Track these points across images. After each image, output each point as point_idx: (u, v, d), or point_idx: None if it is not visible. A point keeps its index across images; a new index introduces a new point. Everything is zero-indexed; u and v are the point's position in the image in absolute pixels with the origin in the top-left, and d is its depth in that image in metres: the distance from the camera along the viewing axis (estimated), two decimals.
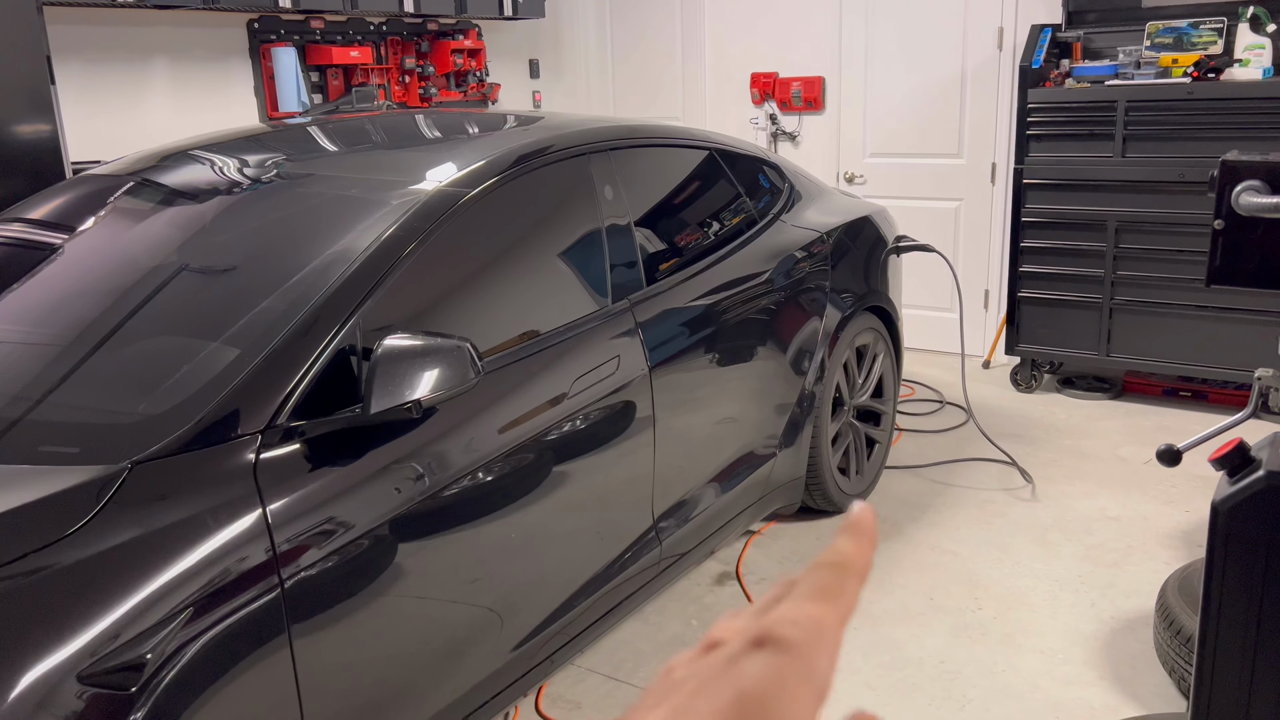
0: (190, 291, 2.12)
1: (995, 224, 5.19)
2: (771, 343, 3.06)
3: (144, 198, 2.49)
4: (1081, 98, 4.28)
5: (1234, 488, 1.19)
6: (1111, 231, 4.33)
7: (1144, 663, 2.62)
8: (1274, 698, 1.23)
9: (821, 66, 5.60)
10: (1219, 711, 1.26)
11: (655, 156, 2.94)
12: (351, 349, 1.90)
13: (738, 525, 3.02)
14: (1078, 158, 4.34)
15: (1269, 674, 1.20)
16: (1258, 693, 1.23)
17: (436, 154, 2.56)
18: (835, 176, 5.62)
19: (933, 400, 4.72)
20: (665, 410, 2.56)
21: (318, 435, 1.80)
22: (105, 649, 1.43)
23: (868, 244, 3.63)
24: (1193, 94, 4.03)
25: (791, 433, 3.17)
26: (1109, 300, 4.41)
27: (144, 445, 1.66)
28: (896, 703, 2.50)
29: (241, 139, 2.75)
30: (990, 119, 5.11)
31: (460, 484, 1.99)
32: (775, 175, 3.46)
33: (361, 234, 2.08)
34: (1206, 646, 1.28)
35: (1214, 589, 1.23)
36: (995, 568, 3.15)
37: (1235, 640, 1.19)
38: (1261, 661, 1.19)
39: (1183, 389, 4.59)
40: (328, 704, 1.75)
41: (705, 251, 2.93)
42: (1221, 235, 1.17)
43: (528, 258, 2.38)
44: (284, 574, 1.66)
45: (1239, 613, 1.18)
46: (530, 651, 2.22)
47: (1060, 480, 3.78)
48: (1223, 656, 1.20)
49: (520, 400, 2.17)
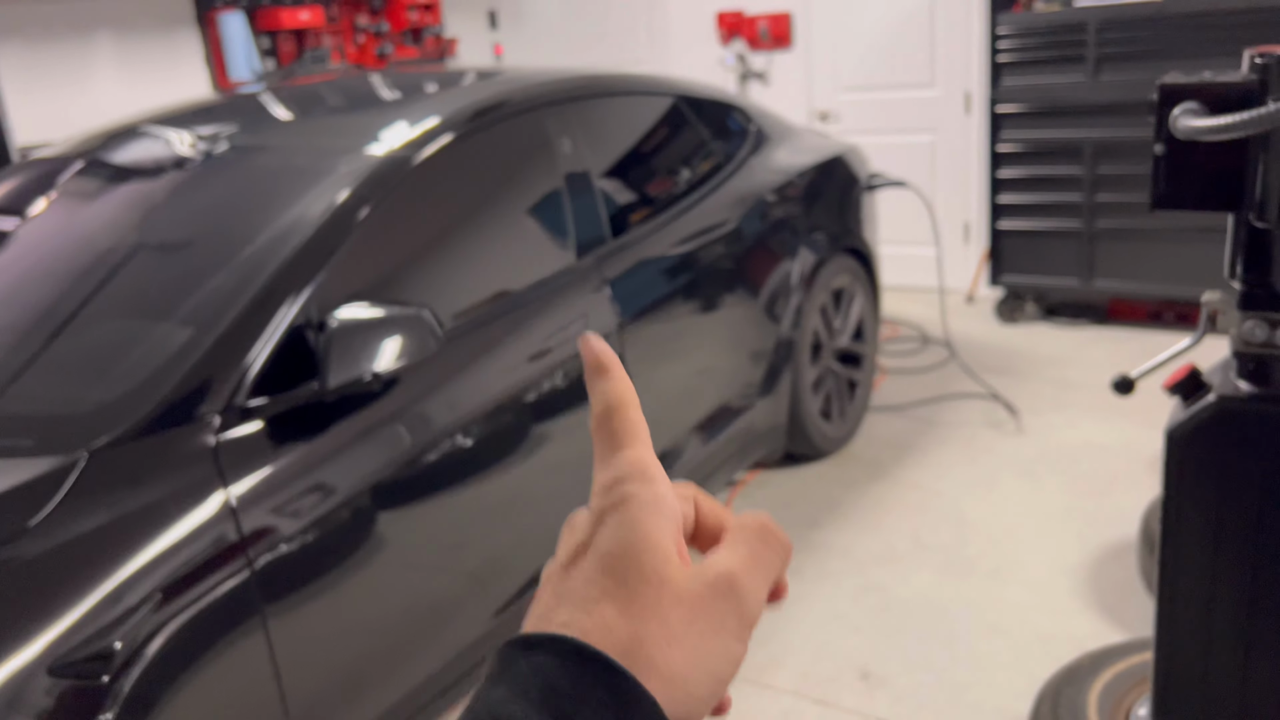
0: (142, 272, 2.08)
1: (971, 155, 5.13)
2: (745, 291, 3.03)
3: (93, 178, 2.44)
4: (1051, 21, 4.21)
5: (1186, 413, 1.18)
6: (1088, 157, 4.28)
7: (1130, 589, 2.64)
8: (1233, 615, 1.23)
9: (788, 1, 5.49)
10: (1182, 631, 1.27)
11: (616, 106, 2.89)
12: (308, 323, 1.87)
13: (721, 475, 3.02)
14: (1050, 83, 4.28)
15: (1228, 591, 1.21)
16: (1217, 611, 1.23)
17: (389, 116, 2.51)
18: (808, 115, 5.54)
19: (916, 339, 4.71)
20: (639, 365, 2.55)
21: (279, 413, 1.78)
22: (73, 641, 1.42)
23: (840, 184, 3.58)
24: (1164, 11, 3.96)
25: (770, 380, 3.16)
26: (1089, 227, 4.38)
27: (100, 433, 1.64)
28: (885, 643, 2.52)
29: (191, 112, 2.69)
30: (961, 48, 5.03)
31: (431, 451, 1.98)
32: (742, 118, 3.40)
33: (313, 204, 2.04)
34: (1167, 569, 1.28)
35: (1171, 514, 1.22)
36: (981, 504, 3.16)
37: (1195, 561, 1.19)
38: (1221, 580, 1.19)
39: (1167, 312, 4.58)
40: (308, 680, 1.75)
41: (672, 201, 2.89)
42: (1163, 159, 1.14)
43: (487, 218, 2.34)
44: (252, 554, 1.65)
45: (1197, 535, 1.18)
46: (515, 615, 2.22)
47: (1045, 412, 3.78)
48: (1183, 578, 1.21)
49: (486, 364, 2.15)
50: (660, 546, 0.37)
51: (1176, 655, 1.38)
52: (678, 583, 0.36)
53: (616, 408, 0.41)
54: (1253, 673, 1.34)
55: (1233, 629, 1.25)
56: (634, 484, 0.38)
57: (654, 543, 0.37)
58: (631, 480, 0.38)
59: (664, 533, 0.37)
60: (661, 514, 0.38)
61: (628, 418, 0.41)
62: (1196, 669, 1.38)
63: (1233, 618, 1.24)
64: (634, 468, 0.39)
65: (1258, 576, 1.28)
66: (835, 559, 2.92)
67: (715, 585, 0.37)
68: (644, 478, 0.39)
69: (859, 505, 3.21)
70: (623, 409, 0.41)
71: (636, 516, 0.37)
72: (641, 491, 0.38)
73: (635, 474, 0.39)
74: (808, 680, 2.41)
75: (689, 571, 0.37)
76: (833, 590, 2.77)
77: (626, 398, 0.42)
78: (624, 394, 0.42)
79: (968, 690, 2.33)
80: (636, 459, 0.39)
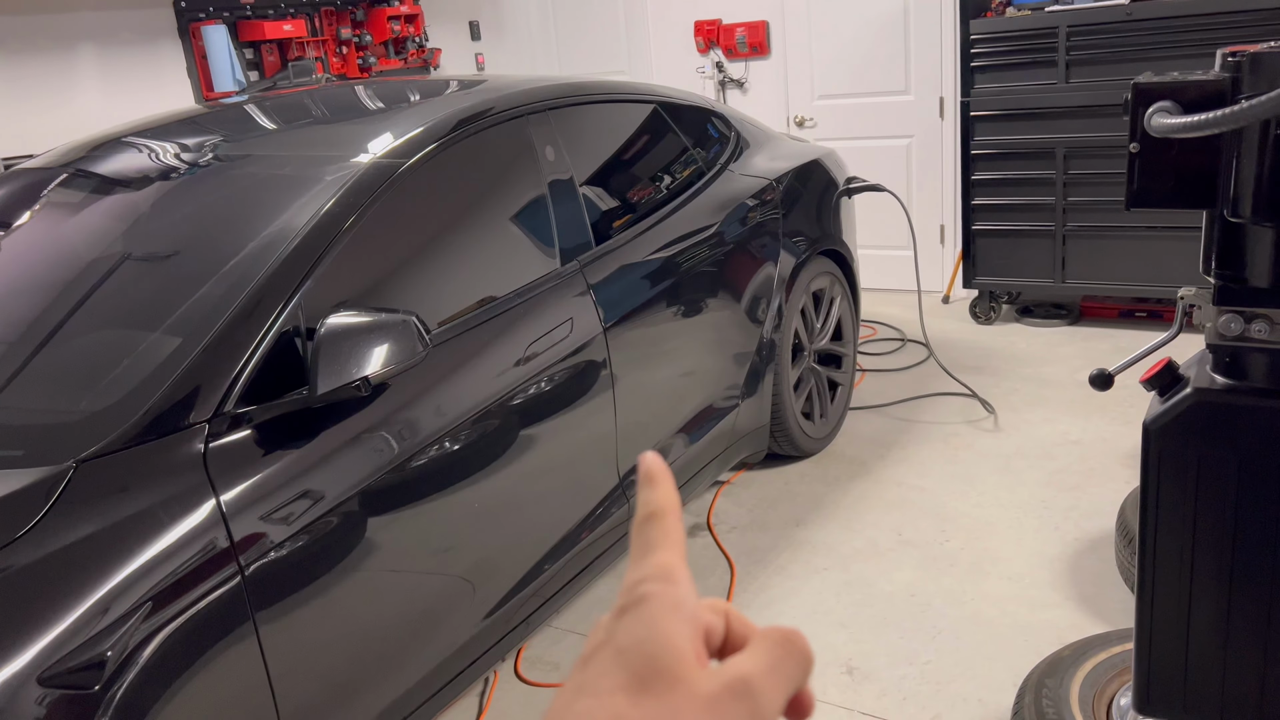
0: (129, 283, 2.08)
1: (946, 159, 5.19)
2: (727, 294, 3.06)
3: (77, 190, 2.43)
4: (1022, 25, 4.27)
5: (1163, 407, 1.21)
6: (1060, 158, 4.35)
7: (1107, 580, 2.68)
8: (1211, 604, 1.27)
9: (765, 10, 5.54)
10: (1162, 621, 1.30)
11: (597, 114, 2.91)
12: (296, 330, 1.88)
13: (706, 476, 3.04)
14: (1023, 86, 4.34)
15: (1206, 581, 1.24)
16: (1196, 600, 1.26)
17: (372, 125, 2.52)
18: (785, 121, 5.59)
19: (894, 339, 4.76)
20: (624, 368, 2.56)
21: (268, 419, 1.78)
22: (63, 650, 1.42)
23: (818, 188, 3.62)
24: (1131, 15, 4.04)
25: (753, 381, 3.18)
26: (1061, 227, 4.44)
27: (88, 443, 1.63)
28: (870, 638, 2.55)
29: (175, 123, 2.69)
30: (935, 53, 5.09)
31: (420, 456, 1.99)
32: (721, 124, 3.43)
33: (299, 212, 2.05)
34: (1146, 559, 1.31)
35: (1150, 506, 1.25)
36: (961, 499, 3.20)
37: (1173, 552, 1.22)
38: (1199, 570, 1.22)
39: (1138, 310, 4.65)
40: (301, 686, 1.76)
41: (655, 207, 2.91)
42: (1138, 158, 1.17)
43: (471, 225, 2.36)
44: (243, 561, 1.65)
45: (1175, 526, 1.21)
46: (505, 616, 2.23)
47: (1022, 408, 3.83)
48: (1162, 569, 1.24)
49: (474, 370, 2.16)
50: (675, 646, 0.37)
51: (1157, 645, 1.41)
52: (692, 682, 0.36)
53: (657, 515, 0.43)
54: (1232, 660, 1.38)
55: (1211, 618, 1.28)
56: (656, 584, 0.39)
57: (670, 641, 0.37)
58: (654, 580, 0.39)
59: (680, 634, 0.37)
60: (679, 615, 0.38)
61: (666, 525, 0.42)
62: (1176, 658, 1.41)
63: (1211, 607, 1.27)
64: (659, 570, 0.40)
65: (1235, 566, 1.31)
66: (819, 556, 2.95)
67: (731, 686, 0.37)
68: (667, 579, 0.39)
69: (842, 503, 3.25)
70: (663, 517, 0.43)
71: (654, 614, 0.38)
72: (662, 592, 0.39)
73: (659, 575, 0.40)
74: None
75: (705, 672, 0.37)
76: (817, 586, 2.80)
77: (668, 507, 0.43)
78: (666, 504, 0.43)
79: (951, 683, 2.36)
80: (664, 562, 0.40)
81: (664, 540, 0.42)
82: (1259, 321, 1.26)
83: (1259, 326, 1.26)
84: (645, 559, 0.41)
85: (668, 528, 0.42)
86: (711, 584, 2.86)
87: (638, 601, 0.39)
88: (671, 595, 0.39)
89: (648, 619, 0.38)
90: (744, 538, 3.08)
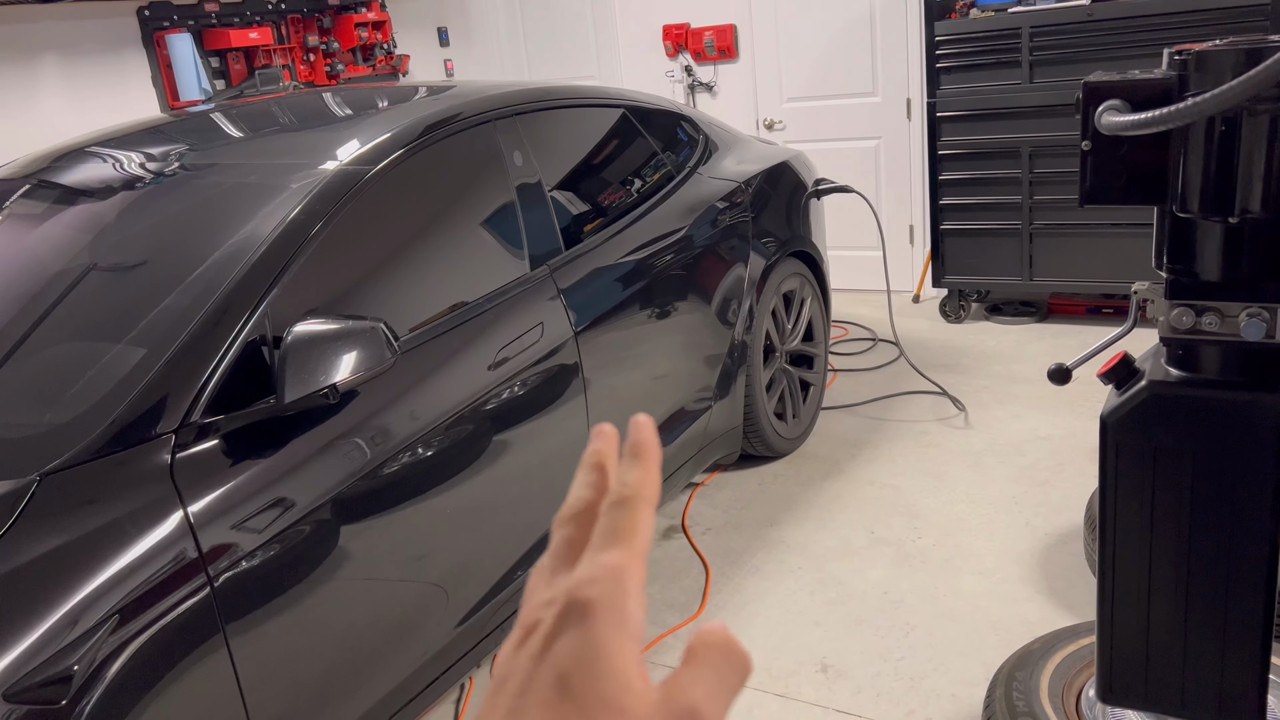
0: (93, 294, 2.06)
1: (914, 159, 5.24)
2: (697, 296, 3.08)
3: (41, 200, 2.41)
4: (986, 26, 4.32)
5: (1119, 400, 1.24)
6: (1026, 158, 4.40)
7: (1076, 573, 2.72)
8: (1170, 595, 1.29)
9: (733, 13, 5.57)
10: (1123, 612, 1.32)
11: (565, 118, 2.91)
12: (263, 339, 1.87)
13: (680, 479, 3.05)
14: (988, 87, 4.39)
15: (1164, 571, 1.26)
16: (1155, 590, 1.28)
17: (339, 132, 2.51)
18: (755, 124, 5.62)
19: (865, 339, 4.79)
20: (595, 372, 2.57)
21: (235, 429, 1.78)
22: (30, 665, 1.41)
23: (787, 190, 3.64)
24: (1092, 15, 4.09)
25: (725, 383, 3.20)
26: (1028, 225, 4.49)
27: (52, 455, 1.62)
28: (843, 636, 2.57)
29: (140, 132, 2.67)
30: (902, 55, 5.14)
31: (390, 463, 1.98)
32: (690, 128, 3.45)
33: (264, 221, 2.04)
34: (1106, 551, 1.33)
35: (1108, 499, 1.27)
36: (933, 496, 3.23)
37: (1131, 544, 1.24)
38: (1157, 561, 1.24)
39: (1105, 306, 4.71)
40: (273, 697, 1.75)
41: (624, 211, 2.92)
42: (1090, 155, 1.20)
43: (440, 231, 2.35)
44: (212, 572, 1.65)
45: (1133, 518, 1.23)
46: (479, 622, 2.23)
47: (992, 405, 3.88)
48: (1121, 560, 1.26)
49: (445, 375, 2.16)
50: (620, 672, 0.35)
51: (1118, 635, 1.44)
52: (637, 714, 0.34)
53: (630, 502, 0.39)
54: (1191, 650, 1.40)
55: (1170, 608, 1.31)
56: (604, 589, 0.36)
57: (614, 668, 0.35)
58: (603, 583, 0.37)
59: (625, 655, 0.35)
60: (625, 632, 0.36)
61: (636, 517, 0.39)
62: (1138, 648, 1.43)
63: (1170, 597, 1.29)
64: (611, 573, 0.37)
65: (1192, 556, 1.34)
66: (793, 555, 2.96)
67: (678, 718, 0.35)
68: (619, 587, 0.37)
69: (815, 502, 3.27)
70: (635, 507, 0.39)
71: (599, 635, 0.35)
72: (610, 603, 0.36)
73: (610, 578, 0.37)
74: (769, 674, 2.45)
75: (651, 699, 0.35)
76: (791, 585, 2.81)
77: (645, 496, 0.40)
78: (644, 491, 0.40)
79: (925, 678, 2.38)
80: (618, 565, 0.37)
81: (629, 534, 0.38)
82: (1209, 314, 1.28)
83: (1210, 319, 1.28)
84: (606, 550, 0.38)
85: (637, 521, 0.39)
86: (686, 585, 2.87)
87: (581, 611, 0.36)
88: (618, 610, 0.36)
89: (593, 640, 0.35)
90: (719, 539, 3.10)
